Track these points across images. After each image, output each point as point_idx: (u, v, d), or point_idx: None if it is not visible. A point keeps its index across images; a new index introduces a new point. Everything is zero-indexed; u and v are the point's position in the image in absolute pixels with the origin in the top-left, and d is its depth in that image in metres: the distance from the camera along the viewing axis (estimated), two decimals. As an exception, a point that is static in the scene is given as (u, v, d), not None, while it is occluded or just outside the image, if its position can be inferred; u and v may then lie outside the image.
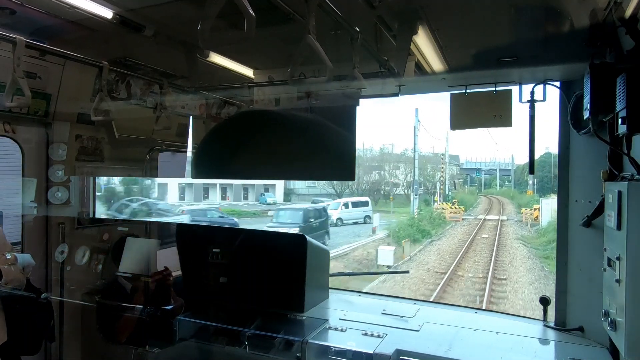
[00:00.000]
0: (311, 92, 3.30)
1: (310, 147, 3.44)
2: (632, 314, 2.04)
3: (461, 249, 20.68)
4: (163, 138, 4.01)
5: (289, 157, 3.53)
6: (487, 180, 65.37)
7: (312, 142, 3.46)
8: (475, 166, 64.14)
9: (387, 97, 3.55)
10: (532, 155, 3.23)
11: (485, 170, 63.69)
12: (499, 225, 28.54)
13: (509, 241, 23.47)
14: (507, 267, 17.88)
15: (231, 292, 3.53)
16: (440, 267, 17.80)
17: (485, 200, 49.25)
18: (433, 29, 2.60)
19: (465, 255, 19.63)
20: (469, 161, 64.97)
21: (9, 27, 2.57)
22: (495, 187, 62.44)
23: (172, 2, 2.35)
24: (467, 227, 28.61)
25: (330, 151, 3.32)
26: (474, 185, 62.39)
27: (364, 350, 2.79)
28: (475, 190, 57.04)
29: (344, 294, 4.07)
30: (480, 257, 19.38)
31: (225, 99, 4.23)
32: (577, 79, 2.93)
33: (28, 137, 3.33)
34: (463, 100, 3.33)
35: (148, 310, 3.12)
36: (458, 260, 18.49)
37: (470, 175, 63.08)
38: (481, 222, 30.20)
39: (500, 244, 22.23)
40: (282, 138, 3.59)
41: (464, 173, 60.76)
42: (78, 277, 3.53)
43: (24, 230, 3.38)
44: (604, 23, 2.26)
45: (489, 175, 65.09)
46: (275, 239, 3.90)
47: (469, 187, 58.70)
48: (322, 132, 3.36)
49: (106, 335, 3.35)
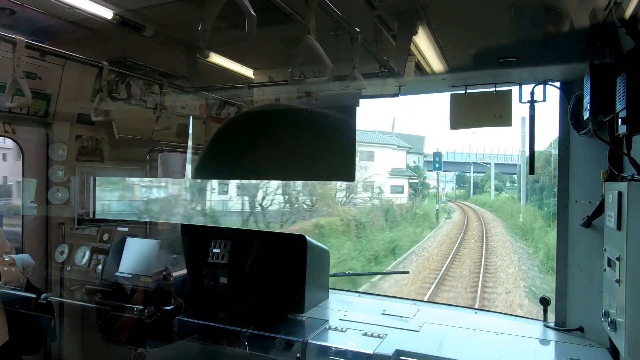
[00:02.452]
0: (311, 92, 3.30)
1: (310, 147, 3.45)
2: (632, 314, 2.04)
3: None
4: (163, 138, 4.01)
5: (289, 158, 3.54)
6: (480, 179, 46.76)
7: (312, 142, 3.46)
8: (459, 159, 45.89)
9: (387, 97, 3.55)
10: (532, 155, 3.24)
11: (474, 165, 43.97)
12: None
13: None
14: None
15: (231, 292, 3.53)
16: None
17: (457, 218, 30.00)
18: (433, 29, 2.60)
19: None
20: (455, 152, 46.28)
21: (9, 27, 2.58)
22: (488, 192, 41.51)
23: (172, 2, 2.35)
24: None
25: (331, 151, 3.32)
26: (462, 188, 47.43)
27: (364, 351, 2.78)
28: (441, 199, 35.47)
29: (344, 294, 4.07)
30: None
31: (225, 99, 4.24)
32: (577, 79, 2.93)
33: (28, 138, 3.33)
34: (463, 100, 3.33)
35: (148, 310, 3.12)
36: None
37: (450, 172, 45.68)
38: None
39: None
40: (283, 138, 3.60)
41: (430, 167, 37.60)
42: (78, 277, 3.53)
43: (24, 231, 3.38)
44: (604, 23, 2.26)
45: (480, 173, 45.60)
46: (275, 239, 3.90)
47: (444, 191, 41.20)
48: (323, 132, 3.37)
49: (106, 335, 3.35)
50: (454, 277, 14.95)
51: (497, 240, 21.08)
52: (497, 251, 18.65)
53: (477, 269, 15.59)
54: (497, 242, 20.74)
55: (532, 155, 3.24)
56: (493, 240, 20.94)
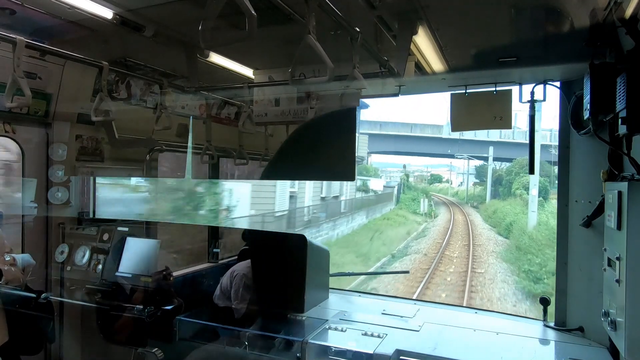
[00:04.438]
0: (311, 92, 3.30)
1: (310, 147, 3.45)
2: (632, 314, 2.04)
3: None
4: (163, 138, 4.00)
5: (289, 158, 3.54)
6: (501, 172, 29.25)
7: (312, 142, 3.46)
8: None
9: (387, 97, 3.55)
10: (532, 155, 3.24)
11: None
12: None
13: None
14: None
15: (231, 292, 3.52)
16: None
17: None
18: (433, 29, 2.60)
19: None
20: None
21: (9, 27, 2.57)
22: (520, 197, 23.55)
23: (172, 2, 2.35)
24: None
25: (331, 151, 3.32)
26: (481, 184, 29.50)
27: (364, 351, 2.79)
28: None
29: (344, 294, 4.07)
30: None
31: (225, 99, 4.23)
32: (577, 79, 2.94)
33: (28, 137, 3.33)
34: (463, 100, 3.33)
35: (148, 310, 3.12)
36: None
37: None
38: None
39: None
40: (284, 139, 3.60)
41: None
42: (78, 277, 3.52)
43: (24, 231, 3.38)
44: (604, 23, 2.26)
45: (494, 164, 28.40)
46: (276, 239, 3.90)
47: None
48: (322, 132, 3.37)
49: (106, 335, 3.34)
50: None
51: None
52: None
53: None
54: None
55: (532, 155, 3.24)
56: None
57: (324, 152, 3.39)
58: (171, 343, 3.25)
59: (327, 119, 3.31)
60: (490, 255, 19.22)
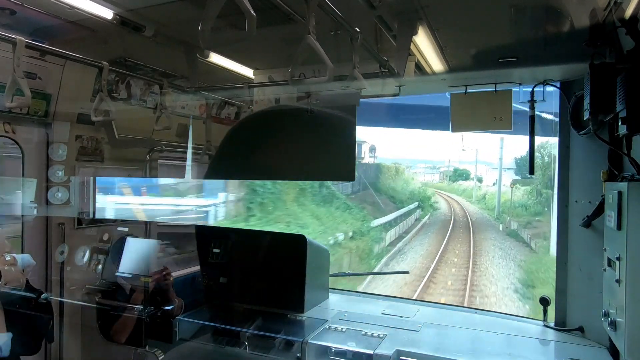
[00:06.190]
0: (311, 92, 3.30)
1: (310, 147, 3.45)
2: (632, 314, 2.04)
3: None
4: (163, 138, 4.00)
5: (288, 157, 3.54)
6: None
7: (312, 142, 3.47)
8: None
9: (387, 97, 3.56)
10: (532, 155, 3.23)
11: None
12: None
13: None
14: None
15: (231, 292, 3.53)
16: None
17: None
18: (433, 29, 2.60)
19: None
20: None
21: (9, 27, 2.57)
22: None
23: (172, 2, 2.35)
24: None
25: (331, 151, 3.33)
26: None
27: (364, 351, 2.79)
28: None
29: (344, 294, 4.07)
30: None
31: (225, 99, 4.23)
32: (577, 79, 2.94)
33: (28, 137, 3.33)
34: (463, 100, 3.33)
35: (148, 310, 3.12)
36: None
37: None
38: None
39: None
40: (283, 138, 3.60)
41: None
42: (78, 277, 3.52)
43: (24, 231, 3.38)
44: (604, 23, 2.26)
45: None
46: (276, 239, 3.90)
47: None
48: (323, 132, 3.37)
49: (106, 335, 3.34)
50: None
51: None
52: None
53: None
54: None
55: (532, 155, 3.24)
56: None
57: (324, 152, 3.39)
58: (171, 343, 3.25)
59: (327, 119, 3.31)
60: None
